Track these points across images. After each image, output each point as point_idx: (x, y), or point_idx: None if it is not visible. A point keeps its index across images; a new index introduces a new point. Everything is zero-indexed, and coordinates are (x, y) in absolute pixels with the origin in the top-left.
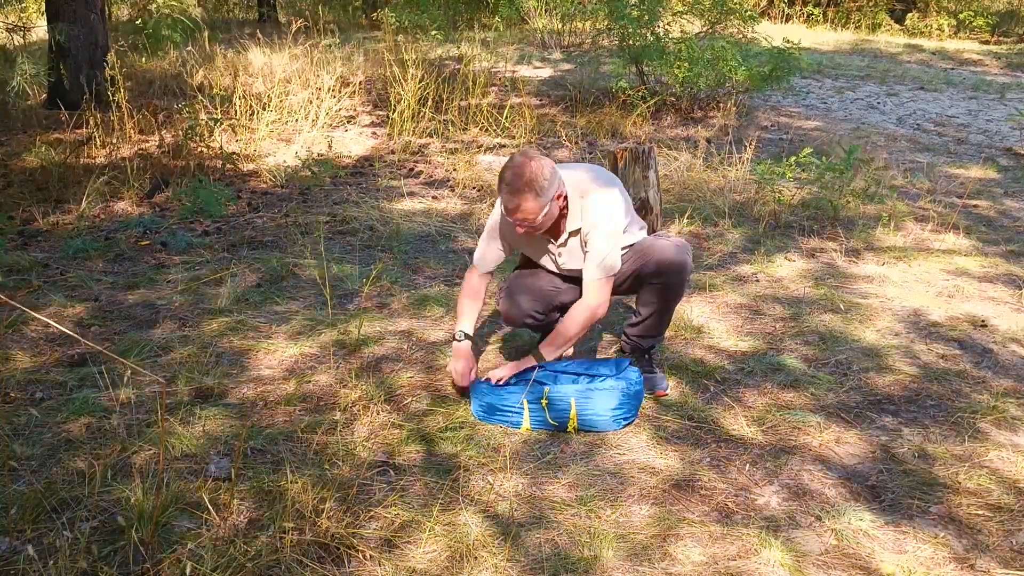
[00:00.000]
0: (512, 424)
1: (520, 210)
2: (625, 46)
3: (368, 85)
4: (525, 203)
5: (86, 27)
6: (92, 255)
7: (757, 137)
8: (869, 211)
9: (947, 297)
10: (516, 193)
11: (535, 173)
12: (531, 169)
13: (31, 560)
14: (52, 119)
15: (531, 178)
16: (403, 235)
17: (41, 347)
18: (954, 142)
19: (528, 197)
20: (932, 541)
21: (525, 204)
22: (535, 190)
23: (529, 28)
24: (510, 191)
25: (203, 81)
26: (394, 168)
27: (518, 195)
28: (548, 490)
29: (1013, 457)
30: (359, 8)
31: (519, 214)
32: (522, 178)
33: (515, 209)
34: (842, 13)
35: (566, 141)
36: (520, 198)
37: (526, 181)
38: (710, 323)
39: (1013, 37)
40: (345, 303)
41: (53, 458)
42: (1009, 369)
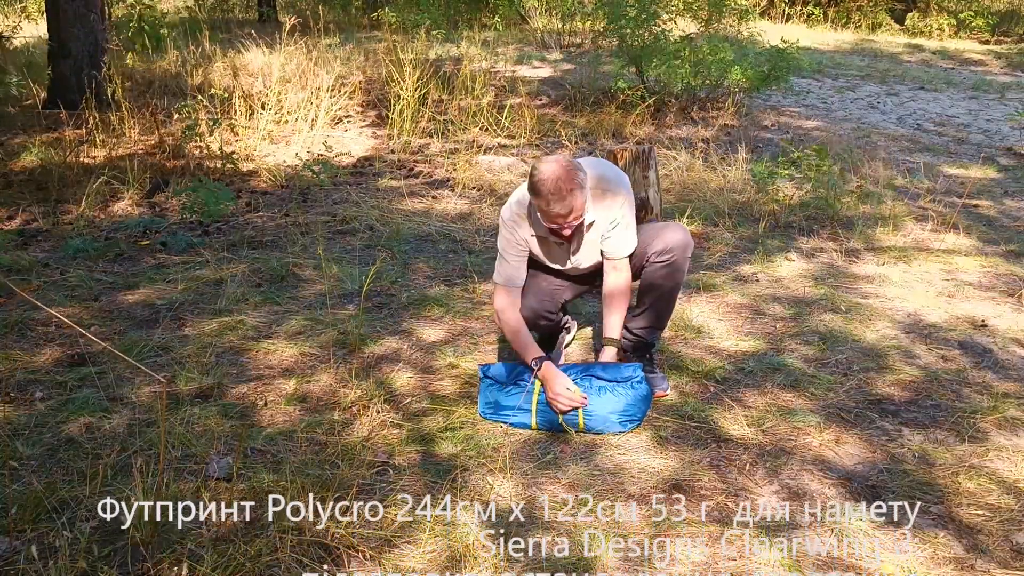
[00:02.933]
0: (518, 424)
1: (573, 211)
2: (624, 46)
3: (368, 85)
4: (576, 201)
5: (86, 27)
6: (92, 255)
7: (757, 137)
8: (869, 211)
9: (947, 297)
10: (565, 197)
11: (570, 171)
12: (564, 169)
13: (31, 560)
14: (52, 119)
15: (570, 177)
16: (403, 235)
17: (41, 347)
18: (954, 142)
19: (577, 195)
20: (932, 541)
21: (577, 203)
22: (578, 184)
23: (529, 28)
24: (559, 198)
25: (202, 81)
26: (394, 168)
27: (569, 196)
28: (547, 490)
29: (1013, 457)
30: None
31: (574, 215)
32: (564, 181)
33: (568, 212)
34: (842, 13)
35: (566, 141)
36: (572, 199)
37: (568, 181)
38: (710, 323)
39: (1013, 37)
40: (345, 303)
41: (53, 458)
42: (1009, 369)
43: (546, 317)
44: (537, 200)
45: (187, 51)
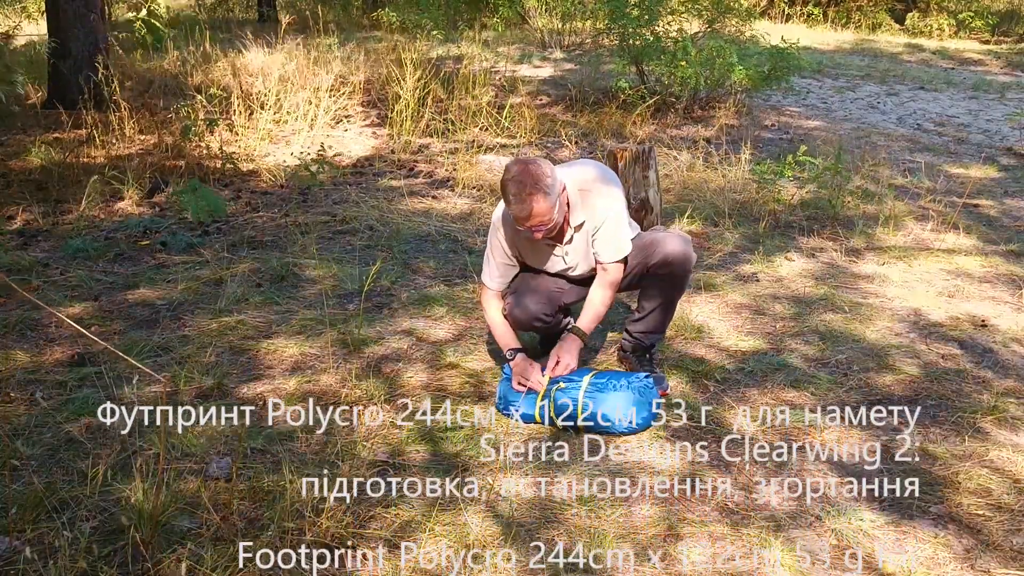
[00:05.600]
0: (525, 416)
1: (534, 214)
2: (625, 46)
3: (368, 85)
4: (537, 205)
5: (86, 27)
6: (92, 255)
7: (757, 137)
8: (869, 211)
9: (947, 297)
10: (527, 199)
11: (538, 174)
12: (532, 172)
13: (31, 560)
14: (52, 119)
15: (536, 180)
16: (403, 235)
17: (41, 347)
18: (954, 142)
19: (539, 199)
20: (932, 541)
21: (537, 207)
22: (543, 190)
23: (529, 28)
24: (519, 199)
25: (202, 81)
26: (394, 168)
27: (529, 199)
28: (549, 490)
29: (1013, 457)
30: (359, 8)
31: (535, 219)
32: (527, 183)
33: (529, 215)
34: (842, 13)
35: (566, 141)
36: (532, 202)
37: (532, 184)
38: (711, 323)
39: (1013, 37)
40: (345, 303)
41: (53, 458)
42: (1009, 369)
43: (541, 319)
44: (504, 199)
45: (187, 51)
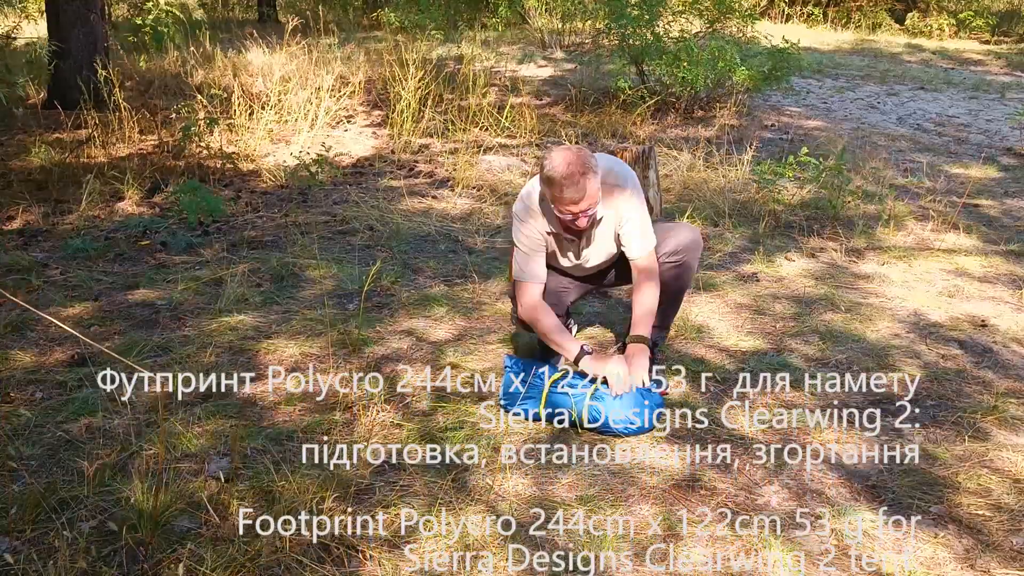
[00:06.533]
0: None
1: (587, 196)
2: (625, 46)
3: (368, 85)
4: (590, 186)
5: (86, 27)
6: (92, 255)
7: (758, 137)
8: (870, 211)
9: (948, 297)
10: (578, 181)
11: (582, 156)
12: (576, 154)
13: (31, 560)
14: (52, 119)
15: (582, 161)
16: (403, 235)
17: (41, 347)
18: (954, 142)
19: (591, 179)
20: (932, 541)
21: (590, 187)
22: (591, 169)
23: (529, 28)
24: (572, 182)
25: (203, 81)
26: (394, 168)
27: (582, 180)
28: (549, 490)
29: (1014, 457)
30: (359, 8)
31: (588, 200)
32: (576, 165)
33: (581, 198)
34: (842, 13)
35: (567, 141)
36: (585, 183)
37: (584, 165)
38: (711, 322)
39: (1013, 37)
40: (345, 303)
41: (53, 458)
42: (1010, 369)
43: None
44: (550, 188)
45: (187, 51)
